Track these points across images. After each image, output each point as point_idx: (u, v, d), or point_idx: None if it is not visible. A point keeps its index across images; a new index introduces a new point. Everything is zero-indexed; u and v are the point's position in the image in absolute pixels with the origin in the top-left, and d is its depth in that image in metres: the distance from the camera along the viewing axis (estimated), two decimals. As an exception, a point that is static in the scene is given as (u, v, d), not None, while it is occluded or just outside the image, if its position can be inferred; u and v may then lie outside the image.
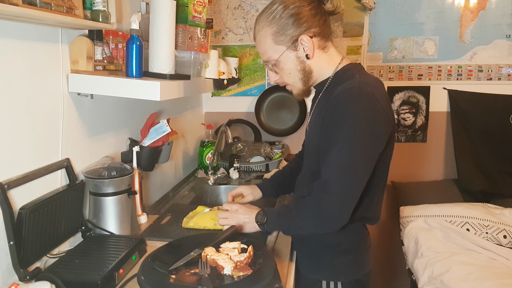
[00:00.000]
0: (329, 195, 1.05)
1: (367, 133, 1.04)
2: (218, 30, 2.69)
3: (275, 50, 1.16)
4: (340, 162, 1.04)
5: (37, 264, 1.14)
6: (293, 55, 1.16)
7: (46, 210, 1.15)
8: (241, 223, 1.29)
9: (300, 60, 1.16)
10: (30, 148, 1.14)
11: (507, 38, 2.47)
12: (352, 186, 1.05)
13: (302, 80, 1.19)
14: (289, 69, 1.18)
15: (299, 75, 1.18)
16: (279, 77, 1.22)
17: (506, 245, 2.13)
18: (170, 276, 1.04)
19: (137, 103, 1.72)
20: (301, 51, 1.15)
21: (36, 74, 1.15)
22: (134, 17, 1.31)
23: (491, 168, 2.52)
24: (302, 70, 1.18)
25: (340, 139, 1.03)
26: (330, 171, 1.05)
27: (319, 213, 1.07)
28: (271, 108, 2.68)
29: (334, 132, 1.05)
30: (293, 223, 1.16)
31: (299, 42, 1.14)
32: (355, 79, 1.09)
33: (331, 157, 1.05)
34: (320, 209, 1.07)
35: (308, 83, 1.21)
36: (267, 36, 1.16)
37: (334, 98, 1.07)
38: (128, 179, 1.38)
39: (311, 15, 1.13)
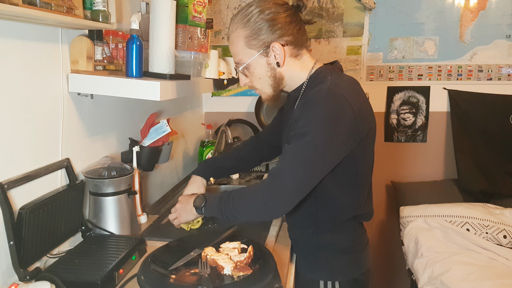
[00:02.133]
0: (279, 183, 1.04)
1: (330, 132, 1.04)
2: (218, 30, 2.69)
3: (247, 54, 1.16)
4: (297, 154, 1.04)
5: (37, 264, 1.14)
6: (264, 61, 1.15)
7: (46, 210, 1.15)
8: (182, 213, 1.31)
9: (271, 66, 1.16)
10: (30, 148, 1.14)
11: (507, 38, 2.47)
12: (303, 179, 1.05)
13: (271, 86, 1.19)
14: (259, 74, 1.17)
15: (269, 81, 1.18)
16: (249, 80, 1.22)
17: (506, 245, 2.13)
18: (170, 276, 1.04)
19: (137, 103, 1.72)
20: (272, 58, 1.15)
21: (36, 74, 1.15)
22: (134, 17, 1.31)
23: (491, 168, 2.52)
24: (272, 76, 1.17)
25: (302, 134, 1.04)
26: (286, 161, 1.05)
27: (265, 199, 1.06)
28: (271, 108, 2.68)
29: (298, 127, 1.06)
30: (234, 208, 1.12)
31: (271, 49, 1.13)
32: (327, 81, 1.10)
33: (290, 148, 1.05)
34: (268, 195, 1.06)
35: (278, 89, 1.20)
36: (240, 38, 1.15)
37: (305, 101, 1.09)
38: (128, 179, 1.38)
39: (286, 22, 1.12)
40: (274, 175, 1.06)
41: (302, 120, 1.06)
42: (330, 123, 1.03)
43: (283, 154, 1.08)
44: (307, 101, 1.07)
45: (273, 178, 1.06)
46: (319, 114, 1.03)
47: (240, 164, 1.57)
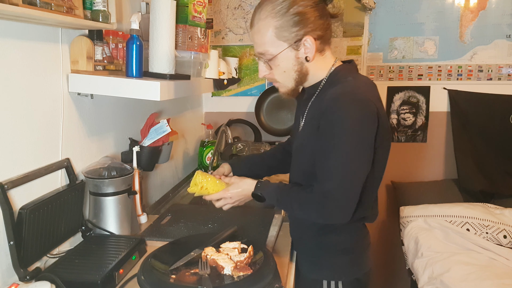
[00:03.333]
0: (331, 201, 1.06)
1: (361, 138, 1.05)
2: (218, 30, 2.69)
3: (275, 45, 1.11)
4: (339, 169, 1.05)
5: (37, 264, 1.14)
6: (293, 54, 1.12)
7: (46, 210, 1.15)
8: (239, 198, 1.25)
9: (299, 61, 1.13)
10: (30, 148, 1.14)
11: (507, 38, 2.47)
12: (352, 191, 1.07)
13: (295, 80, 1.16)
14: (285, 67, 1.14)
15: (293, 75, 1.15)
16: (269, 72, 1.17)
17: (506, 245, 2.13)
18: (170, 276, 1.04)
19: (137, 103, 1.72)
20: (301, 52, 1.11)
21: (36, 74, 1.15)
22: (134, 17, 1.31)
23: (491, 168, 2.52)
24: (298, 71, 1.14)
25: (336, 146, 1.04)
26: (330, 179, 1.06)
27: (322, 216, 1.10)
28: (271, 108, 2.68)
29: (329, 139, 1.05)
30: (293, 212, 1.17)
31: (302, 43, 1.10)
32: (348, 83, 1.09)
33: (329, 164, 1.06)
34: (323, 212, 1.08)
35: (300, 84, 1.18)
36: (269, 28, 1.10)
37: (327, 102, 1.07)
38: (128, 179, 1.38)
39: (317, 16, 1.10)
40: (325, 195, 1.06)
41: (331, 131, 1.05)
42: (360, 129, 1.04)
43: (325, 172, 1.07)
44: (331, 109, 1.05)
45: (324, 197, 1.06)
46: (347, 124, 1.03)
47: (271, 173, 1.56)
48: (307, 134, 1.16)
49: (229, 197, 1.23)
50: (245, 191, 1.22)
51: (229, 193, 1.23)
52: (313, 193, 1.09)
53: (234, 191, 1.23)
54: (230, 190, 1.23)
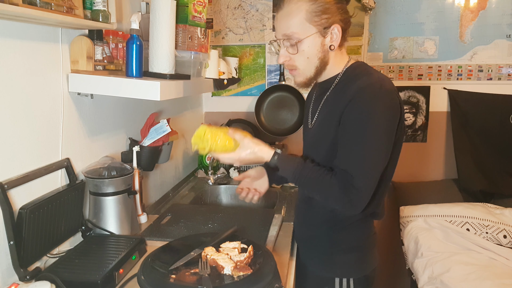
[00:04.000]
0: (355, 189, 1.06)
1: (386, 130, 1.07)
2: (218, 30, 2.69)
3: (304, 29, 1.09)
4: (363, 158, 1.06)
5: (37, 264, 1.15)
6: (319, 41, 1.11)
7: (46, 210, 1.15)
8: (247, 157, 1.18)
9: (324, 48, 1.12)
10: (30, 148, 1.14)
11: (507, 38, 2.47)
12: (375, 181, 1.09)
13: (316, 69, 1.15)
14: (309, 53, 1.12)
15: (316, 63, 1.14)
16: (290, 58, 1.14)
17: (506, 245, 2.13)
18: (170, 276, 1.04)
19: (137, 103, 1.72)
20: (328, 40, 1.12)
21: (36, 74, 1.15)
22: (134, 17, 1.31)
23: (491, 168, 2.52)
24: (321, 59, 1.13)
25: (362, 135, 1.05)
26: (356, 166, 1.06)
27: (341, 202, 1.09)
28: (271, 108, 2.68)
29: (357, 127, 1.06)
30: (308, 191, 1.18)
31: (331, 30, 1.10)
32: (373, 76, 1.09)
33: (355, 152, 1.06)
34: (344, 200, 1.08)
35: (319, 74, 1.17)
36: (301, 10, 1.09)
37: (353, 93, 1.06)
38: (128, 179, 1.39)
39: (344, 10, 1.12)
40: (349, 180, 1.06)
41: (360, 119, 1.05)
42: (387, 120, 1.06)
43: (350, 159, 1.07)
44: (360, 98, 1.05)
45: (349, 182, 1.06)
46: (377, 113, 1.04)
47: None
48: (325, 128, 1.15)
49: (237, 161, 1.18)
50: (259, 158, 1.18)
51: (240, 157, 1.17)
52: (336, 178, 1.08)
53: (246, 156, 1.17)
54: (241, 154, 1.17)
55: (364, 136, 1.05)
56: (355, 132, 1.06)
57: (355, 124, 1.06)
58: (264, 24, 2.63)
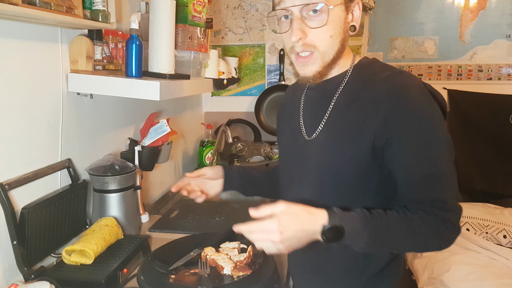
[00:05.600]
0: (452, 212, 0.83)
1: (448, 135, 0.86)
2: (218, 29, 2.69)
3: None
4: (446, 171, 0.83)
5: (42, 263, 1.15)
6: (344, 15, 0.87)
7: (49, 209, 1.15)
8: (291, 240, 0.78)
9: (346, 27, 0.89)
10: (30, 148, 1.14)
11: (507, 38, 2.47)
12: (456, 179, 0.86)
13: (336, 52, 0.88)
14: (333, 28, 0.86)
15: (337, 45, 0.88)
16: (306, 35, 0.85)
17: (506, 245, 2.13)
18: (169, 276, 1.04)
19: (137, 103, 1.72)
20: (349, 17, 0.89)
21: (36, 74, 1.15)
22: (134, 16, 1.31)
23: (491, 168, 2.52)
24: (342, 41, 0.89)
25: (432, 146, 0.82)
26: (440, 185, 0.82)
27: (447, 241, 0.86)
28: (271, 108, 2.68)
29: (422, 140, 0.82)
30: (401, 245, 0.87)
31: (353, 6, 0.89)
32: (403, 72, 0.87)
33: (433, 170, 0.82)
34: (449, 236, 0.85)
35: (334, 63, 0.90)
36: None
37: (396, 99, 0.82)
38: (133, 176, 1.41)
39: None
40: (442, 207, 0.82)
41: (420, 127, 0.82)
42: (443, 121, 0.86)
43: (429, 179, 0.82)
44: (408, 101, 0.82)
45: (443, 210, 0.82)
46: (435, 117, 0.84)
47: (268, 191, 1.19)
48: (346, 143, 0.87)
49: (277, 232, 0.76)
50: (308, 224, 0.78)
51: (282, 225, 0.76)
52: (433, 213, 0.82)
53: (289, 221, 0.77)
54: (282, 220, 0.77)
55: (433, 149, 0.82)
56: (420, 147, 0.82)
57: (415, 136, 0.82)
58: (264, 24, 2.63)
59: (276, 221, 0.76)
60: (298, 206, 0.80)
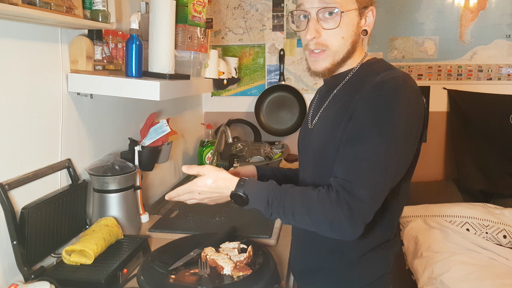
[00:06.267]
0: (355, 197, 0.83)
1: (409, 131, 0.87)
2: (218, 30, 2.69)
3: (347, 1, 0.94)
4: (374, 160, 0.84)
5: (42, 263, 1.15)
6: (357, 20, 0.96)
7: (49, 210, 1.15)
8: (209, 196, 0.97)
9: (358, 31, 0.97)
10: (30, 148, 1.14)
11: (507, 38, 2.47)
12: (382, 191, 0.86)
13: (347, 53, 0.97)
14: (346, 31, 0.95)
15: (348, 46, 0.96)
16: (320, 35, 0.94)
17: (506, 245, 2.13)
18: (169, 276, 1.04)
19: (137, 103, 1.72)
20: (362, 22, 0.98)
21: (36, 74, 1.15)
22: (134, 16, 1.31)
23: (491, 168, 2.52)
24: (353, 42, 0.97)
25: (377, 133, 0.84)
26: (359, 169, 0.84)
27: (339, 217, 0.84)
28: (271, 108, 2.68)
29: (369, 123, 0.86)
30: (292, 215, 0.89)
31: (367, 12, 0.98)
32: (396, 70, 0.92)
33: (362, 152, 0.85)
34: (343, 212, 0.83)
35: (345, 62, 0.98)
36: None
37: (372, 87, 0.88)
38: (133, 176, 1.41)
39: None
40: (347, 188, 0.84)
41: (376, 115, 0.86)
42: (410, 120, 0.87)
43: (352, 161, 0.86)
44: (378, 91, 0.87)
45: (346, 192, 0.84)
46: (398, 110, 0.85)
47: None
48: (331, 130, 0.95)
49: (197, 192, 0.97)
50: (221, 188, 0.95)
51: (198, 188, 0.96)
52: (328, 190, 0.87)
53: (206, 185, 0.96)
54: (198, 184, 0.96)
55: (376, 133, 0.84)
56: (363, 128, 0.86)
57: (366, 118, 0.86)
58: (264, 24, 2.63)
59: (194, 184, 0.97)
60: (220, 172, 0.97)
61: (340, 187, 0.85)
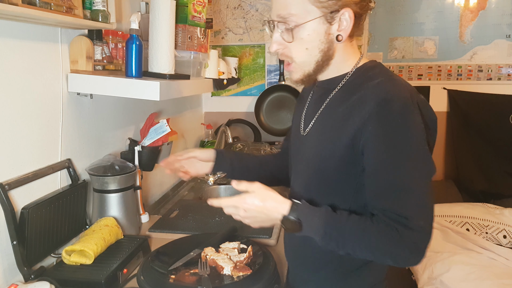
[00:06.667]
0: (416, 231, 0.81)
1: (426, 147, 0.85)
2: (218, 30, 2.69)
3: (305, 10, 0.85)
4: (415, 187, 0.82)
5: (42, 263, 1.15)
6: (323, 28, 0.87)
7: (49, 210, 1.15)
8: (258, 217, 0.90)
9: (329, 38, 0.88)
10: (30, 148, 1.14)
11: (507, 38, 2.47)
12: (433, 210, 0.84)
13: (316, 63, 0.90)
14: (309, 43, 0.88)
15: (317, 56, 0.89)
16: (285, 47, 0.90)
17: (506, 245, 2.13)
18: (169, 276, 1.04)
19: (136, 103, 1.72)
20: (334, 28, 0.87)
21: (36, 74, 1.15)
22: (134, 17, 1.31)
23: (491, 168, 2.52)
24: (324, 52, 0.89)
25: (406, 157, 0.82)
26: (406, 201, 0.81)
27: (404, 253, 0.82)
28: (271, 108, 2.68)
29: (393, 149, 0.82)
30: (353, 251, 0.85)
31: (339, 16, 0.86)
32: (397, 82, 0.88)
33: (400, 181, 0.82)
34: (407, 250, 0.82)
35: (320, 70, 0.92)
36: None
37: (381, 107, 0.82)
38: (133, 176, 1.41)
39: None
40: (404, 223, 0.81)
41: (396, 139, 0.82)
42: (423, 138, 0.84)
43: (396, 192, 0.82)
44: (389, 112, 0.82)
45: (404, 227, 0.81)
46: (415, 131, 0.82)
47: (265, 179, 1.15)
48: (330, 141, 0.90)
49: (242, 209, 0.89)
50: (268, 209, 0.87)
51: (246, 205, 0.88)
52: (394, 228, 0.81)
53: (253, 204, 0.87)
54: (247, 201, 0.88)
55: (405, 157, 0.81)
56: (389, 155, 0.82)
57: (387, 143, 0.82)
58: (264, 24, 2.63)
59: (242, 200, 0.88)
60: (269, 192, 0.89)
61: (397, 225, 0.81)
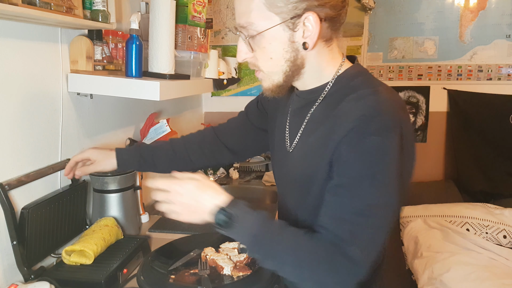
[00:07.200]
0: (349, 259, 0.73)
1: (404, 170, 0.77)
2: (218, 30, 2.69)
3: (263, 18, 0.78)
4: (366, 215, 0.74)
5: (42, 263, 1.15)
6: (286, 35, 0.79)
7: (49, 210, 1.15)
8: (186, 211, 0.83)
9: (294, 46, 0.80)
10: (30, 148, 1.14)
11: (507, 38, 2.47)
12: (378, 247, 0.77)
13: (284, 73, 0.83)
14: (272, 52, 0.81)
15: (283, 66, 0.82)
16: (251, 56, 0.84)
17: (506, 245, 2.13)
18: (169, 276, 1.04)
19: (136, 103, 1.72)
20: (298, 34, 0.79)
21: (36, 74, 1.15)
22: (134, 17, 1.31)
23: (491, 168, 2.52)
24: (291, 61, 0.81)
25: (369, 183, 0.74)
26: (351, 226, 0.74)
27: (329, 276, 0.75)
28: (271, 108, 2.68)
29: (359, 172, 0.74)
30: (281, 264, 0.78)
31: (302, 21, 0.77)
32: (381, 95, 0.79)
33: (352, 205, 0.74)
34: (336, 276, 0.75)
35: (290, 80, 0.85)
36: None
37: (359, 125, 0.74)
38: (133, 176, 1.41)
39: None
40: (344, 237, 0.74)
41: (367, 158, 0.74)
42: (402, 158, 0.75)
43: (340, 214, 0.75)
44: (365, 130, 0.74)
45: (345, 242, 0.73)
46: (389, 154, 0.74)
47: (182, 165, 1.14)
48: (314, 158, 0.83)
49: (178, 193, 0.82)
50: (206, 199, 0.80)
51: (183, 189, 0.81)
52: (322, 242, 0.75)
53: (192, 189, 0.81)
54: (186, 184, 0.82)
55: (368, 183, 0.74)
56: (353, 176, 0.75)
57: (355, 165, 0.74)
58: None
59: (181, 183, 0.82)
60: (212, 183, 0.83)
61: (333, 246, 0.74)
